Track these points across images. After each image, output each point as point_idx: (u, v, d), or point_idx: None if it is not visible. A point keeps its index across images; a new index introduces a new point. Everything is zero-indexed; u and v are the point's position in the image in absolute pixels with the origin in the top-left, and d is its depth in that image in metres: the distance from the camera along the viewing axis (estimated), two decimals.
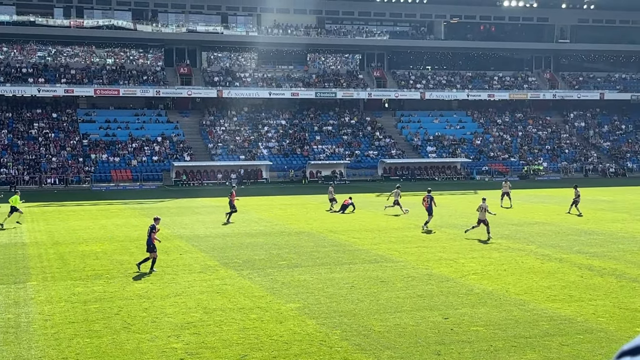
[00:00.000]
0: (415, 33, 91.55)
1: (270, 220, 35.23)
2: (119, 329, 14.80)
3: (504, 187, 43.69)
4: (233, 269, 21.50)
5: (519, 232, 29.84)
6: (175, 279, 20.02)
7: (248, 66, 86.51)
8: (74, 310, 16.45)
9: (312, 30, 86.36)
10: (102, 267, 22.14)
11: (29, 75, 75.14)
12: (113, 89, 75.03)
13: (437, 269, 21.26)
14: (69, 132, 72.58)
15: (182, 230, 31.38)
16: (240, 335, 14.31)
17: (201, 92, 78.58)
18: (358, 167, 73.81)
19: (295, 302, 17.14)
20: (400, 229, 31.18)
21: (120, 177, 66.15)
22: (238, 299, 17.45)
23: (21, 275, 20.89)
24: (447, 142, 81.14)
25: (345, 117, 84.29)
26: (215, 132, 76.83)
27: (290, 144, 76.76)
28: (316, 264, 22.45)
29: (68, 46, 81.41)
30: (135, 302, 17.18)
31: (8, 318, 15.71)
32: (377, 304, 16.89)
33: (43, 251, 25.46)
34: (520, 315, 15.69)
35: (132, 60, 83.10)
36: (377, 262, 22.52)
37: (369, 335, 14.30)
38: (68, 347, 13.60)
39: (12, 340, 14.03)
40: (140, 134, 73.75)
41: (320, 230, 30.83)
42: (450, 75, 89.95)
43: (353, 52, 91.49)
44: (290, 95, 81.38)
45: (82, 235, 29.72)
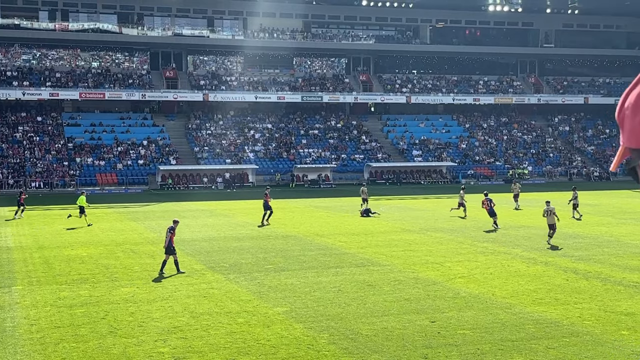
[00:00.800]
0: (401, 37, 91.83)
1: (256, 223, 35.18)
2: (106, 334, 14.73)
3: (513, 189, 43.65)
4: (220, 273, 21.46)
5: (504, 235, 29.98)
6: (162, 283, 19.95)
7: (234, 70, 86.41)
8: (59, 314, 16.36)
9: (299, 34, 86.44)
10: (87, 271, 22.03)
11: (14, 78, 74.68)
12: (98, 93, 74.72)
13: (424, 273, 21.32)
14: (54, 135, 72.18)
15: None
16: (228, 340, 14.28)
17: (187, 95, 78.44)
18: (344, 171, 73.88)
19: (282, 306, 17.13)
20: (386, 233, 31.24)
21: (105, 180, 65.86)
22: (225, 303, 17.41)
23: (6, 279, 20.74)
24: (433, 146, 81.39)
25: (332, 121, 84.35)
26: (201, 136, 76.67)
27: (277, 147, 76.73)
28: (303, 267, 22.44)
29: (53, 49, 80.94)
30: (122, 307, 17.10)
31: None
32: (365, 307, 16.90)
33: (28, 255, 25.29)
34: (506, 319, 15.76)
35: (118, 63, 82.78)
36: (364, 266, 22.55)
37: (357, 339, 14.31)
38: (54, 351, 13.51)
39: None
40: (126, 138, 73.47)
41: (307, 234, 30.83)
42: (436, 80, 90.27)
43: (339, 56, 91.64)
44: (276, 99, 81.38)
45: (68, 239, 29.56)
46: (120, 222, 36.78)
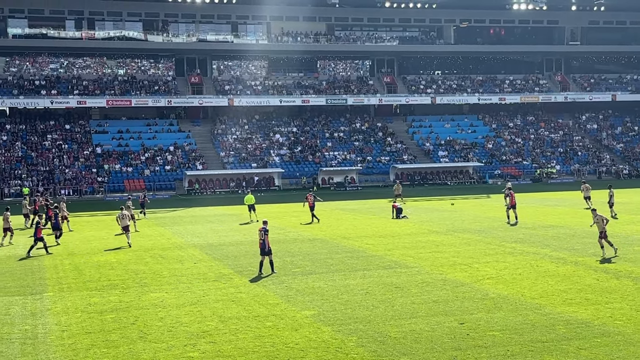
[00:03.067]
0: (424, 38, 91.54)
1: (283, 227, 35.26)
2: (136, 339, 14.86)
3: (584, 190, 42.89)
4: (247, 277, 21.54)
5: (533, 235, 29.72)
6: (190, 288, 20.07)
7: (258, 74, 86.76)
8: (90, 320, 16.54)
9: (322, 37, 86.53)
10: (117, 277, 22.24)
11: (42, 87, 75.70)
12: (125, 100, 75.47)
13: (452, 274, 21.21)
14: (82, 143, 73.02)
15: (195, 239, 31.48)
16: (256, 343, 14.33)
17: (212, 100, 78.92)
18: (370, 173, 73.78)
19: (310, 309, 17.15)
20: (413, 234, 31.13)
21: (133, 186, 66.42)
22: (253, 307, 17.48)
23: (38, 286, 21.01)
24: (459, 146, 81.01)
25: (356, 123, 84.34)
26: (226, 141, 77.06)
27: (302, 151, 76.87)
28: (330, 270, 22.45)
29: (80, 58, 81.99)
30: (151, 312, 17.24)
31: (25, 329, 15.81)
32: (393, 310, 16.87)
33: (59, 262, 25.60)
34: (536, 320, 15.63)
35: (144, 70, 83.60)
36: (392, 268, 22.49)
37: (385, 341, 14.29)
38: (85, 357, 13.67)
39: (30, 351, 14.12)
40: (153, 144, 74.10)
41: (334, 237, 30.83)
42: (460, 80, 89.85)
43: (363, 58, 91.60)
44: (300, 103, 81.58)
45: (97, 246, 29.87)
46: (149, 227, 37.08)
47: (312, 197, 38.87)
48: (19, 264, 25.25)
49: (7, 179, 64.71)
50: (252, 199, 39.63)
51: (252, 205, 39.34)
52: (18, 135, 72.65)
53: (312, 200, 38.50)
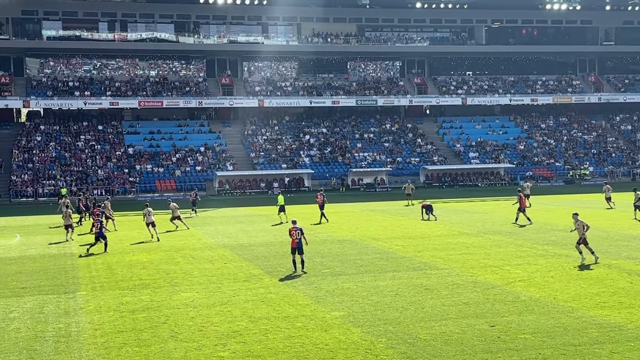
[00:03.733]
0: (455, 39, 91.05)
1: (313, 228, 35.30)
2: (167, 338, 14.99)
3: (606, 191, 43.19)
4: (277, 278, 21.61)
5: (565, 238, 29.38)
6: (221, 288, 20.19)
7: (289, 75, 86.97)
8: (122, 319, 16.72)
9: (352, 38, 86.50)
10: (148, 276, 22.45)
11: (76, 88, 76.69)
12: (157, 101, 76.18)
13: (483, 276, 21.06)
14: (115, 143, 73.84)
15: (226, 239, 31.65)
16: (286, 344, 14.37)
17: (243, 101, 79.33)
18: (400, 174, 73.56)
19: (339, 310, 17.15)
20: (444, 236, 30.97)
21: (164, 187, 67.02)
22: (283, 308, 17.53)
23: (71, 285, 21.29)
24: (490, 147, 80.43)
25: (386, 124, 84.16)
26: (257, 142, 77.37)
27: (332, 152, 76.89)
28: (360, 271, 22.43)
29: (113, 59, 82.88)
30: (182, 311, 17.37)
31: (59, 327, 16.03)
32: (422, 311, 16.80)
33: (91, 261, 25.91)
34: (568, 323, 15.46)
35: (175, 71, 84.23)
36: (421, 270, 22.41)
37: (415, 343, 14.24)
38: (117, 356, 13.82)
39: (64, 349, 14.32)
40: (184, 145, 74.68)
41: (363, 238, 30.79)
42: (492, 80, 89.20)
43: (393, 59, 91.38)
44: (331, 104, 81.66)
45: (129, 245, 30.17)
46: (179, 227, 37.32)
47: (322, 196, 39.56)
48: (52, 263, 25.61)
49: (42, 179, 65.65)
50: (283, 200, 40.11)
51: (283, 206, 39.64)
52: (52, 136, 73.69)
53: (322, 199, 39.15)
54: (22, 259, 27.04)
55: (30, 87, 75.84)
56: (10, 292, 20.45)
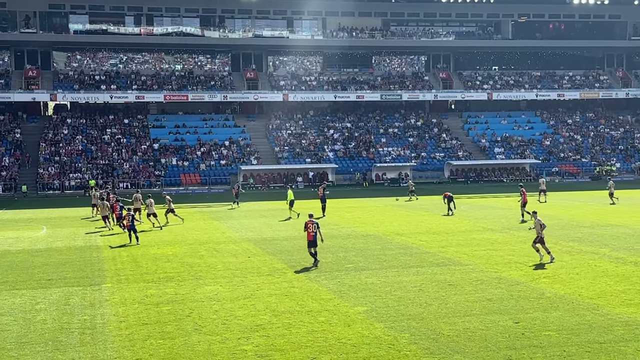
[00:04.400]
0: (482, 33, 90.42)
1: (336, 223, 35.30)
2: (191, 331, 15.08)
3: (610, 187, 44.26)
4: (300, 272, 21.64)
5: (591, 234, 29.11)
6: (244, 282, 20.27)
7: (313, 70, 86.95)
8: (147, 312, 16.85)
9: (377, 32, 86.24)
10: (173, 269, 22.60)
11: (102, 82, 77.32)
12: (182, 95, 76.58)
13: (507, 273, 20.93)
14: (140, 137, 74.36)
15: (249, 233, 31.76)
16: (309, 338, 14.39)
17: (267, 96, 79.47)
18: (424, 169, 73.32)
19: (363, 305, 17.15)
20: (468, 232, 30.82)
21: (189, 180, 67.40)
22: (306, 302, 17.56)
23: (96, 277, 21.50)
24: (516, 143, 79.84)
25: (411, 119, 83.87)
26: (281, 136, 77.49)
27: (356, 146, 76.80)
28: (383, 266, 22.39)
29: (139, 53, 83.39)
30: (206, 305, 17.47)
31: (84, 319, 16.20)
32: (446, 307, 16.74)
33: (117, 254, 26.15)
34: (594, 320, 15.32)
35: (200, 65, 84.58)
36: (445, 265, 22.32)
37: (438, 339, 14.20)
38: (142, 348, 13.94)
39: (89, 341, 14.47)
40: (209, 139, 75.02)
41: (387, 233, 30.74)
42: (518, 75, 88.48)
43: (418, 54, 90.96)
44: (355, 98, 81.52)
45: (154, 238, 30.39)
46: (204, 221, 37.57)
47: (322, 189, 40.35)
48: (78, 256, 25.88)
49: (68, 172, 66.33)
50: (292, 195, 40.21)
51: (292, 201, 39.69)
52: (79, 129, 74.38)
53: (322, 193, 39.94)
54: (48, 251, 27.36)
55: (58, 80, 76.58)
56: (36, 283, 20.71)
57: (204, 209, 45.16)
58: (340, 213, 40.71)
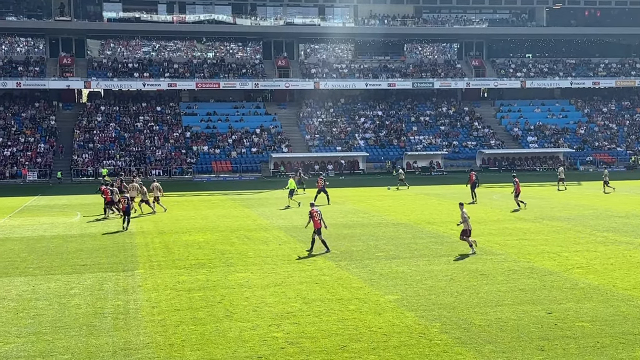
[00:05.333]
0: (515, 20, 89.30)
1: (367, 211, 35.25)
2: (222, 317, 15.19)
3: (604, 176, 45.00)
4: (331, 260, 21.66)
5: (626, 225, 28.70)
6: (275, 269, 20.35)
7: (344, 57, 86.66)
8: (179, 298, 17.00)
9: (410, 20, 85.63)
10: (204, 256, 22.77)
11: (135, 70, 77.92)
12: (214, 82, 76.89)
13: (540, 263, 20.74)
14: (172, 124, 74.88)
15: (280, 221, 31.84)
16: (340, 326, 14.41)
17: (298, 84, 79.42)
18: (456, 158, 72.82)
19: (393, 293, 17.11)
20: (500, 221, 30.57)
21: (220, 168, 67.76)
22: (336, 290, 17.57)
23: (129, 263, 21.74)
24: (549, 131, 78.92)
25: (443, 107, 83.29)
26: (312, 124, 77.47)
27: (387, 134, 76.52)
28: (414, 255, 22.32)
29: (171, 41, 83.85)
30: (237, 291, 17.57)
31: (118, 304, 16.40)
32: (477, 297, 16.64)
33: (149, 240, 26.40)
34: (628, 311, 15.11)
35: (232, 53, 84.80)
36: (477, 255, 22.17)
37: (469, 328, 14.12)
38: (174, 333, 14.07)
39: (122, 326, 14.64)
40: (240, 126, 75.28)
41: (418, 222, 30.62)
42: (552, 63, 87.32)
43: (451, 41, 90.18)
44: (386, 86, 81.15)
45: (186, 225, 30.63)
46: (235, 208, 37.76)
47: (322, 180, 40.67)
48: (112, 241, 26.19)
49: (102, 159, 67.07)
50: (294, 184, 40.27)
51: (292, 191, 39.62)
52: (112, 117, 75.12)
53: (322, 184, 40.18)
54: (82, 236, 27.72)
55: (91, 68, 77.35)
56: (71, 268, 21.00)
57: (235, 197, 45.36)
58: (370, 201, 40.63)
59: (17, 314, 15.71)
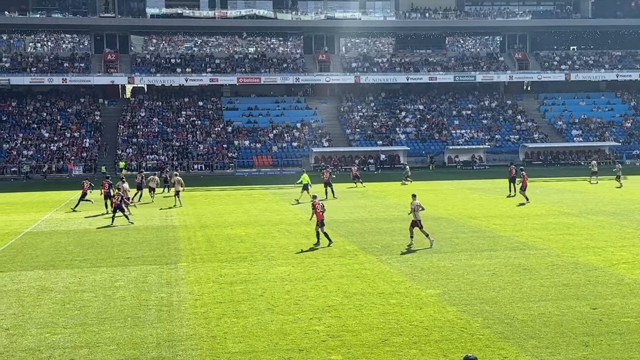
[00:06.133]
0: (560, 12, 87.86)
1: (408, 205, 35.02)
2: (264, 310, 15.30)
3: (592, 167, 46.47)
4: (372, 254, 21.65)
5: None
6: (316, 263, 20.41)
7: (385, 51, 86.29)
8: (221, 290, 17.17)
9: (451, 13, 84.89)
10: (246, 250, 22.94)
11: (177, 65, 78.69)
12: (255, 77, 77.24)
13: (584, 258, 20.44)
14: (214, 119, 75.48)
15: None
16: (381, 320, 14.41)
17: (339, 78, 79.33)
18: (498, 152, 72.05)
19: (434, 288, 17.05)
20: (543, 216, 30.19)
21: (261, 162, 68.11)
22: (377, 284, 17.57)
23: (172, 256, 22.02)
24: (594, 125, 77.58)
25: (485, 100, 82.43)
26: (352, 118, 77.36)
27: (428, 128, 76.05)
28: (456, 250, 22.19)
29: (213, 36, 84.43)
30: (278, 285, 17.68)
31: (161, 297, 16.63)
32: (520, 292, 16.48)
33: (192, 234, 26.70)
34: None
35: (273, 48, 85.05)
36: (520, 250, 21.95)
37: (512, 323, 14.00)
38: (217, 326, 14.23)
39: (166, 318, 14.85)
40: (281, 121, 75.54)
41: (459, 216, 30.40)
42: (597, 55, 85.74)
43: (493, 34, 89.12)
44: (428, 80, 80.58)
45: (227, 219, 30.89)
46: (276, 203, 37.95)
47: (327, 173, 40.79)
48: (155, 235, 26.54)
49: (145, 154, 67.95)
50: (307, 179, 39.56)
51: (307, 185, 38.83)
52: (155, 112, 76.03)
53: (327, 176, 40.30)
54: (126, 230, 28.15)
55: (135, 64, 78.33)
56: (116, 261, 21.36)
57: (276, 191, 45.56)
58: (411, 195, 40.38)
59: (64, 305, 16.05)
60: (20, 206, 38.25)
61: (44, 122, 72.57)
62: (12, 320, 14.89)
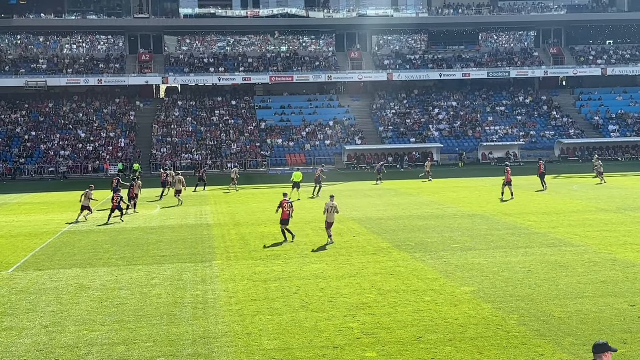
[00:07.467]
0: (595, 6, 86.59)
1: (442, 202, 34.92)
2: (298, 308, 15.36)
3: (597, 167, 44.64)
4: (406, 252, 21.59)
5: None
6: (350, 260, 20.42)
7: (418, 48, 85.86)
8: (255, 288, 17.27)
9: (485, 8, 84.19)
10: (280, 248, 23.03)
11: (210, 65, 79.21)
12: (287, 76, 77.42)
13: (622, 254, 20.15)
14: (247, 118, 75.83)
15: (354, 212, 31.88)
16: (415, 317, 14.37)
17: (371, 75, 79.14)
18: (533, 149, 71.25)
19: (469, 285, 16.94)
20: (580, 212, 29.81)
21: (295, 161, 68.22)
22: (412, 281, 17.52)
23: (207, 254, 22.20)
24: (632, 120, 76.32)
25: (520, 96, 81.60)
26: (385, 116, 77.13)
27: (462, 125, 75.52)
28: (491, 247, 22.02)
29: (245, 36, 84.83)
30: (312, 282, 17.72)
31: (197, 295, 16.78)
32: (557, 289, 16.31)
33: (226, 232, 26.87)
34: None
35: (305, 46, 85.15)
36: (556, 247, 21.71)
37: (549, 321, 13.86)
38: (252, 323, 14.32)
39: (201, 315, 14.99)
40: (314, 119, 75.60)
41: (494, 213, 30.16)
42: (635, 49, 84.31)
43: (527, 29, 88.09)
44: (461, 76, 79.99)
45: (261, 217, 31.03)
46: (309, 201, 38.00)
47: (320, 172, 41.40)
48: (190, 233, 26.77)
49: (180, 153, 68.54)
50: (300, 177, 40.35)
51: (298, 183, 39.69)
52: (189, 111, 76.63)
53: (319, 174, 41.00)
54: (162, 228, 28.43)
55: (169, 64, 79.03)
56: (152, 259, 21.59)
57: (309, 189, 45.61)
58: (445, 193, 40.22)
59: (102, 303, 16.28)
60: (57, 206, 38.85)
61: (81, 122, 73.60)
62: (51, 317, 15.14)
